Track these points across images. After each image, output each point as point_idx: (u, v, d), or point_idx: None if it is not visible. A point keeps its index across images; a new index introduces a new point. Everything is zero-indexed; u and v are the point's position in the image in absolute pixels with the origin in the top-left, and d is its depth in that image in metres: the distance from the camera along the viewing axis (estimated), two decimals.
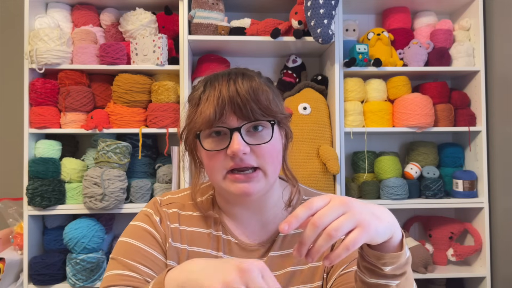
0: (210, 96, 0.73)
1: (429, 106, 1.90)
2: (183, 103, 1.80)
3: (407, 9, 2.08)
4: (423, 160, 2.03)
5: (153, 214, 0.82)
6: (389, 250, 0.60)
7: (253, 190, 0.73)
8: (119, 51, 1.83)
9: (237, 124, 0.72)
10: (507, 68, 1.86)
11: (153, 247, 0.78)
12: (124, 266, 0.75)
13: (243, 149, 0.70)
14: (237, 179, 0.73)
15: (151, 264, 0.76)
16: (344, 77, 1.91)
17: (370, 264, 0.62)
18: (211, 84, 0.75)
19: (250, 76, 0.75)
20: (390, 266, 0.61)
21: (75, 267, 1.74)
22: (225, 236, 0.82)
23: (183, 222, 0.83)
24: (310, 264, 0.80)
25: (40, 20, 1.84)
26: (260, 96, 0.73)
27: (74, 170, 1.84)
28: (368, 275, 0.63)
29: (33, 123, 1.80)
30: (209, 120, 0.71)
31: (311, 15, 1.71)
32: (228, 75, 0.75)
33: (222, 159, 0.73)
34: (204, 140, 0.75)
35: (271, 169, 0.74)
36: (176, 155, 1.82)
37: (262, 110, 0.72)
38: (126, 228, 0.83)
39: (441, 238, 1.98)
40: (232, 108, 0.71)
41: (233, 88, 0.72)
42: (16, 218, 1.91)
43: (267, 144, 0.73)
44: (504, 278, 1.86)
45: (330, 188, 1.81)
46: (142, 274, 0.74)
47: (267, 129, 0.74)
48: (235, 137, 0.71)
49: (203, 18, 1.82)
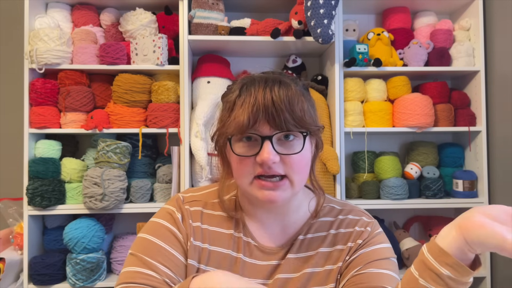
0: (245, 102, 0.73)
1: (429, 106, 1.91)
2: (183, 103, 1.80)
3: (407, 9, 2.08)
4: (423, 160, 2.03)
5: (175, 211, 0.82)
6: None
7: (278, 198, 0.73)
8: (119, 51, 1.83)
9: (269, 133, 0.72)
10: (507, 68, 1.86)
11: (174, 247, 0.78)
12: (144, 264, 0.74)
13: (273, 158, 0.71)
14: (264, 186, 0.73)
15: (171, 264, 0.76)
16: (344, 77, 1.91)
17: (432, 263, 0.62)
18: (247, 89, 0.75)
19: (287, 84, 0.74)
20: (450, 271, 0.61)
21: (75, 267, 1.74)
22: (246, 238, 0.82)
23: (206, 221, 0.83)
24: (326, 266, 0.81)
25: (40, 20, 1.84)
26: (295, 106, 0.72)
27: (74, 170, 1.84)
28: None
29: (33, 123, 1.80)
30: (242, 126, 0.72)
31: (311, 15, 1.71)
32: (265, 81, 0.74)
33: (251, 164, 0.73)
34: (234, 144, 0.75)
35: (298, 179, 0.75)
36: (176, 155, 1.82)
37: (296, 121, 0.72)
38: (147, 224, 0.83)
39: None
40: (266, 117, 0.71)
41: (268, 96, 0.72)
42: (16, 218, 1.91)
43: (297, 155, 0.73)
44: (504, 278, 1.86)
45: (330, 188, 1.81)
46: (161, 274, 0.74)
47: (299, 139, 0.74)
48: (266, 146, 0.71)
49: (203, 18, 1.82)
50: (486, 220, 0.57)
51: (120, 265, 1.87)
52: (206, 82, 1.88)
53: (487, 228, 0.55)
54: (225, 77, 1.91)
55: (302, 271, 0.80)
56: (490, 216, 0.57)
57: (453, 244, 0.60)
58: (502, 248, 0.54)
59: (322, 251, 0.82)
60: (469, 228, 0.57)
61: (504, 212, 0.57)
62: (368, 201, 1.90)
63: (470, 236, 0.57)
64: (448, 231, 0.61)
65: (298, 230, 0.83)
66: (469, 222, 0.58)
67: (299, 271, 0.80)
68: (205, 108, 1.78)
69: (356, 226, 0.83)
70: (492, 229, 0.55)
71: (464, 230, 0.58)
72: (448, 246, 0.60)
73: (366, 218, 0.85)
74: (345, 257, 0.81)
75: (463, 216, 0.60)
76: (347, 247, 0.81)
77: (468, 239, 0.58)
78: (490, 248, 0.56)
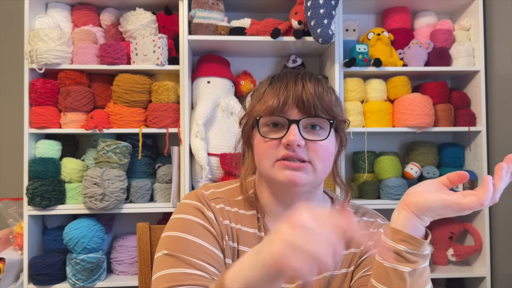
0: (276, 87, 0.75)
1: (429, 106, 1.90)
2: (183, 103, 1.80)
3: (407, 9, 2.08)
4: (423, 160, 2.03)
5: (204, 209, 0.78)
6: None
7: (300, 179, 0.73)
8: (119, 51, 1.83)
9: (297, 117, 0.74)
10: (507, 68, 1.86)
11: (214, 244, 0.74)
12: (188, 264, 0.70)
13: (299, 140, 0.72)
14: (287, 166, 0.73)
15: (216, 263, 0.72)
16: (344, 77, 1.91)
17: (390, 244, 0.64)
18: (279, 78, 0.77)
19: (318, 78, 0.78)
20: (407, 246, 0.64)
21: (75, 267, 1.74)
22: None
23: (232, 219, 0.80)
24: (343, 270, 0.80)
25: (40, 20, 1.84)
26: (325, 95, 0.75)
27: (74, 170, 1.84)
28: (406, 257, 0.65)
29: (33, 123, 1.80)
30: (272, 107, 0.73)
31: (311, 15, 1.71)
32: (296, 73, 0.78)
33: (275, 147, 0.74)
34: (261, 128, 0.76)
35: (320, 166, 0.75)
36: (176, 155, 1.82)
37: (324, 108, 0.74)
38: (173, 221, 0.78)
39: (441, 238, 1.98)
40: (295, 101, 0.73)
41: (300, 84, 0.74)
42: (16, 218, 1.91)
43: (321, 142, 0.74)
44: (504, 278, 1.86)
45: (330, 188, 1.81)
46: (210, 273, 0.70)
47: (324, 130, 0.76)
48: (293, 128, 0.72)
49: (203, 18, 1.82)
50: (421, 190, 0.64)
51: (120, 265, 1.87)
52: (206, 82, 1.88)
53: (427, 195, 0.62)
54: (225, 77, 1.91)
55: (323, 274, 0.80)
56: (426, 189, 0.65)
57: (405, 222, 0.64)
58: (445, 205, 0.61)
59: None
60: (413, 202, 0.63)
61: (432, 183, 0.65)
62: (368, 201, 1.90)
63: (418, 207, 0.63)
64: (397, 214, 0.65)
65: None
66: (411, 197, 0.64)
67: (321, 273, 0.79)
68: (205, 108, 1.78)
69: (371, 228, 0.83)
70: (431, 194, 0.62)
71: (410, 205, 0.64)
72: (402, 225, 0.64)
73: (381, 220, 0.86)
74: (357, 260, 0.81)
75: (403, 199, 0.65)
76: (360, 250, 0.81)
77: (416, 211, 0.63)
78: (438, 210, 0.62)
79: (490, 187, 0.58)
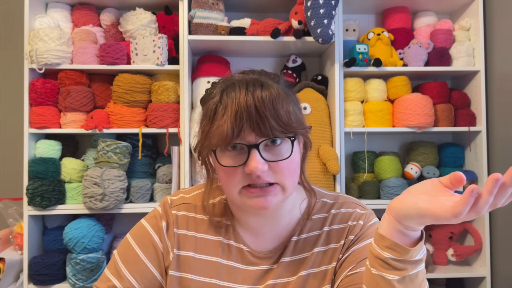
0: (227, 110, 0.68)
1: (429, 106, 1.90)
2: (183, 103, 1.80)
3: (407, 9, 2.08)
4: (423, 160, 2.03)
5: (161, 218, 0.82)
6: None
7: (269, 204, 0.70)
8: (119, 51, 1.83)
9: (255, 141, 0.69)
10: (507, 68, 1.86)
11: (152, 260, 0.80)
12: (120, 278, 0.77)
13: (262, 167, 0.68)
14: (253, 193, 0.70)
15: (144, 281, 0.78)
16: (344, 77, 1.91)
17: (401, 254, 0.60)
18: (228, 95, 0.70)
19: (268, 86, 0.70)
20: (393, 253, 0.60)
21: (75, 267, 1.74)
22: (237, 244, 0.80)
23: (192, 227, 0.81)
24: (322, 267, 0.78)
25: (40, 20, 1.84)
26: (280, 110, 0.69)
27: (74, 170, 1.84)
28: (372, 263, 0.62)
29: (33, 123, 1.80)
30: (226, 137, 0.68)
31: (311, 15, 1.71)
32: (246, 85, 0.70)
33: (239, 174, 0.70)
34: (220, 155, 0.71)
35: (289, 183, 0.72)
36: (176, 155, 1.82)
37: (282, 127, 0.69)
38: (138, 224, 0.84)
39: (441, 238, 1.98)
40: (251, 125, 0.68)
41: (251, 102, 0.67)
42: (16, 218, 1.91)
43: (286, 160, 0.70)
44: (504, 278, 1.86)
45: (330, 188, 1.81)
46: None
47: (286, 142, 0.71)
48: (253, 155, 0.68)
49: (203, 18, 1.82)
50: (407, 194, 0.60)
51: None
52: (206, 82, 1.88)
53: (406, 201, 0.58)
54: None
55: (298, 274, 0.78)
56: (417, 191, 0.59)
57: (388, 227, 0.61)
58: (421, 214, 0.56)
59: (317, 251, 0.79)
60: (394, 207, 0.60)
61: (430, 184, 0.59)
62: (368, 201, 1.90)
63: (397, 213, 0.59)
64: (383, 218, 0.63)
65: (291, 232, 0.81)
66: (393, 202, 0.61)
67: (295, 274, 0.78)
68: None
69: (349, 221, 0.80)
70: (411, 200, 0.58)
71: (392, 210, 0.60)
72: (386, 231, 0.61)
73: (360, 209, 0.82)
74: (338, 256, 0.78)
75: (391, 202, 0.62)
76: (340, 245, 0.79)
77: (396, 217, 0.60)
78: (415, 218, 0.57)
79: (468, 199, 0.50)
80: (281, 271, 0.78)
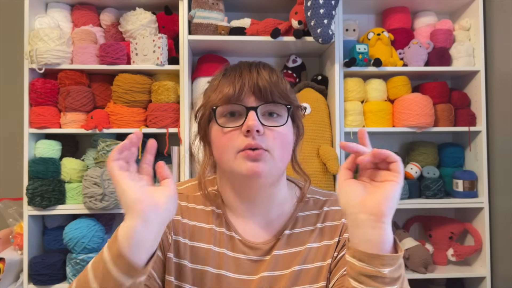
0: (231, 76, 0.76)
1: (429, 106, 1.90)
2: (183, 103, 1.80)
3: (407, 9, 2.08)
4: (423, 160, 2.03)
5: None
6: (386, 251, 0.62)
7: (262, 169, 0.72)
8: (119, 51, 1.83)
9: (254, 104, 0.74)
10: (507, 68, 1.86)
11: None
12: None
13: (258, 125, 0.71)
14: (249, 156, 0.72)
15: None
16: (344, 77, 1.91)
17: (369, 269, 0.61)
18: (233, 68, 0.78)
19: (271, 68, 0.79)
20: (388, 267, 0.60)
21: (75, 267, 1.74)
22: (228, 232, 0.81)
23: (186, 215, 0.82)
24: (316, 263, 0.79)
25: (40, 20, 1.84)
26: (280, 83, 0.76)
27: (74, 170, 1.84)
28: (367, 283, 0.62)
29: (33, 123, 1.80)
30: (228, 95, 0.73)
31: (311, 15, 1.71)
32: (250, 63, 0.79)
33: (235, 138, 0.73)
34: (218, 119, 0.76)
35: (279, 153, 0.74)
36: (176, 155, 1.82)
37: (280, 94, 0.75)
38: None
39: (441, 238, 1.98)
40: (252, 88, 0.74)
41: (254, 71, 0.75)
42: (16, 218, 1.91)
43: (279, 129, 0.74)
44: (504, 278, 1.86)
45: (330, 188, 1.81)
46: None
47: (282, 118, 0.76)
48: (251, 114, 0.72)
49: (203, 18, 1.82)
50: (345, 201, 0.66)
51: None
52: (206, 82, 1.87)
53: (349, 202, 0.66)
54: None
55: (291, 268, 0.78)
56: (349, 194, 0.66)
57: (360, 228, 0.64)
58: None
59: (310, 246, 0.80)
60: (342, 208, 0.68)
61: (348, 183, 0.67)
62: None
63: (344, 209, 0.66)
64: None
65: (284, 225, 0.82)
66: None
67: (288, 268, 0.79)
68: None
69: (343, 218, 0.81)
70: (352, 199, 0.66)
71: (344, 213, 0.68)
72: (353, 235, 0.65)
73: None
74: (333, 253, 0.79)
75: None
76: (334, 242, 0.79)
77: (347, 214, 0.66)
78: (352, 205, 0.65)
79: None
80: (274, 264, 0.79)
